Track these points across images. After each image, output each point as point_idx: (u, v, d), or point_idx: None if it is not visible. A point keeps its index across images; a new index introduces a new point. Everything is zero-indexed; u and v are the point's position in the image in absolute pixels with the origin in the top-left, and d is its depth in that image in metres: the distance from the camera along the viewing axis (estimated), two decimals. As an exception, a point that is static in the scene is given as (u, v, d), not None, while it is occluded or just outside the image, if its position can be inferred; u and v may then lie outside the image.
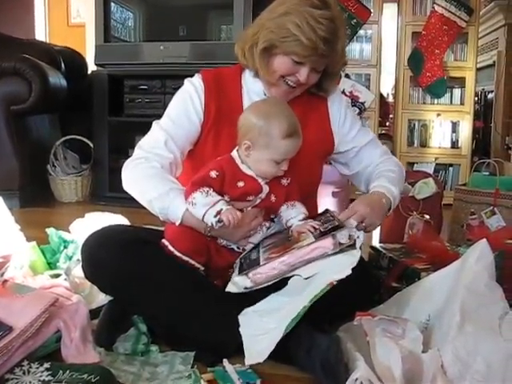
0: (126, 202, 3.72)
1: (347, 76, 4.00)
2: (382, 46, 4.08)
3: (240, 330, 1.35)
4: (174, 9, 3.64)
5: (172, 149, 1.56)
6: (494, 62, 5.79)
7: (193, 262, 1.47)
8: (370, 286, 1.60)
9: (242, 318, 1.40)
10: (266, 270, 1.40)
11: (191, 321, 1.40)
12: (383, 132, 5.19)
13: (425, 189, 2.38)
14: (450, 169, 4.07)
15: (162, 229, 1.59)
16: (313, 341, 1.29)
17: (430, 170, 4.02)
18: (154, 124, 1.61)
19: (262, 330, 1.34)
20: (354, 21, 3.90)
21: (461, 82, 4.03)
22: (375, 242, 2.39)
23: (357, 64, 4.05)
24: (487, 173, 2.70)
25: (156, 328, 1.47)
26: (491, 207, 2.46)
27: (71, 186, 3.78)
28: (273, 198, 1.50)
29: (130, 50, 3.70)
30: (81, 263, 1.53)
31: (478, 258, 1.39)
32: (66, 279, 1.70)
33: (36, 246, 1.89)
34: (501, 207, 2.45)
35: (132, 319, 1.48)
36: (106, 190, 3.74)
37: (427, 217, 2.34)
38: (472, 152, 4.11)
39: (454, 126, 4.06)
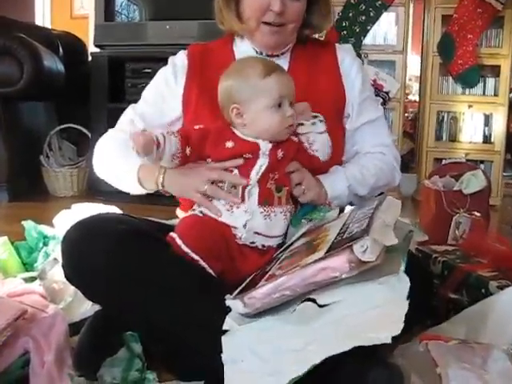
0: (127, 198, 3.48)
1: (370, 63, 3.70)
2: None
3: (222, 354, 1.01)
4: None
5: (138, 127, 1.42)
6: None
7: (204, 264, 1.16)
8: (429, 291, 1.32)
9: (226, 338, 1.03)
10: (261, 296, 1.03)
11: (199, 334, 1.08)
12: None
13: (474, 182, 2.05)
14: (482, 166, 3.71)
15: (168, 222, 1.38)
16: (363, 376, 0.94)
17: (460, 167, 3.71)
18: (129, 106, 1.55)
19: (250, 364, 0.98)
20: (379, 2, 3.60)
21: (495, 70, 3.70)
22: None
23: (381, 50, 3.72)
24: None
25: (154, 347, 1.18)
26: (548, 205, 2.12)
27: (66, 179, 3.52)
28: (280, 154, 1.22)
29: (132, 29, 3.45)
30: (60, 262, 1.25)
31: None
32: (40, 284, 1.38)
33: (8, 242, 1.60)
34: (559, 205, 2.11)
35: (123, 336, 1.17)
36: (104, 183, 3.42)
37: (478, 214, 2.00)
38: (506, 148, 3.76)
39: (487, 119, 3.73)
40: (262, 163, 1.20)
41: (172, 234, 1.19)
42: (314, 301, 0.99)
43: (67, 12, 5.99)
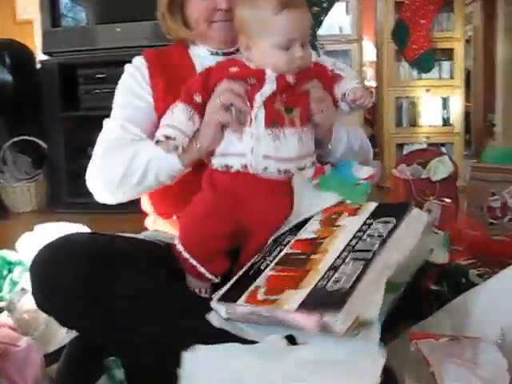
0: (89, 208, 3.39)
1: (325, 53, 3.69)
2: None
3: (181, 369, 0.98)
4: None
5: (130, 130, 1.29)
6: (470, 37, 5.57)
7: (203, 270, 1.14)
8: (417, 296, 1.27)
9: (188, 354, 0.99)
10: (240, 315, 1.01)
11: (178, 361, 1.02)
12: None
13: (441, 168, 2.06)
14: (443, 148, 3.76)
15: (140, 236, 1.34)
16: None
17: (422, 151, 3.75)
18: (104, 124, 1.39)
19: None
20: (331, -9, 3.57)
21: (449, 54, 3.76)
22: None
23: (336, 40, 3.72)
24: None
25: (138, 373, 1.11)
26: (515, 185, 2.14)
27: (24, 194, 3.42)
28: (290, 80, 1.15)
29: (81, 34, 3.38)
30: (29, 291, 1.16)
31: None
32: (9, 316, 1.30)
33: (-31, 271, 1.49)
34: (527, 184, 2.13)
35: (104, 362, 1.10)
36: (66, 195, 3.38)
37: (448, 200, 2.00)
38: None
39: (445, 102, 3.79)
40: (267, 88, 1.14)
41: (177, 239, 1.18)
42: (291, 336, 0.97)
43: (10, 17, 5.68)
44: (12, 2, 5.81)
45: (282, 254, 1.06)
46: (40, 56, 3.54)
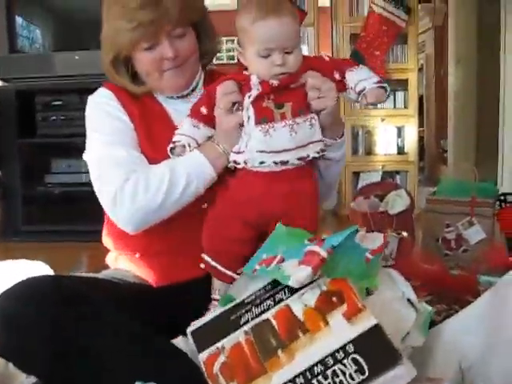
0: (44, 237, 3.33)
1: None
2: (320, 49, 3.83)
3: None
4: (87, 15, 3.24)
5: (132, 153, 1.31)
6: (422, 65, 5.75)
7: (230, 273, 1.23)
8: None
9: None
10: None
11: None
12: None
13: (398, 201, 2.10)
14: (398, 176, 3.86)
15: (100, 275, 1.33)
16: None
17: (378, 179, 3.81)
18: (88, 155, 1.35)
19: None
20: (289, 23, 3.62)
21: (403, 84, 3.86)
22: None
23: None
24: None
25: None
26: (468, 217, 2.21)
27: (-22, 221, 3.28)
28: (274, 83, 1.18)
29: (40, 61, 3.30)
30: None
31: (522, 293, 1.09)
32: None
33: None
34: (478, 217, 2.20)
35: None
36: (20, 223, 3.29)
37: (405, 234, 2.05)
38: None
39: (399, 131, 3.88)
40: (254, 91, 1.17)
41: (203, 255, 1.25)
42: None
43: None
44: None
45: (264, 317, 1.02)
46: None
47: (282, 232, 1.16)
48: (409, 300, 1.10)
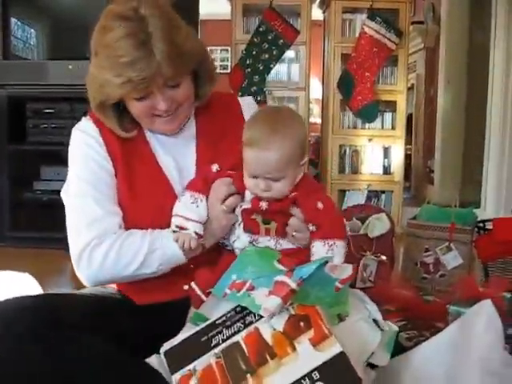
0: (30, 242, 3.35)
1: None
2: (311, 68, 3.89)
3: None
4: (82, 25, 3.27)
5: (110, 209, 1.28)
6: (413, 84, 5.82)
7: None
8: None
9: None
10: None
11: None
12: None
13: (378, 226, 2.14)
14: (383, 196, 3.92)
15: (84, 291, 1.30)
16: None
17: (363, 198, 3.87)
18: (66, 197, 1.31)
19: None
20: (281, 41, 3.71)
21: (391, 105, 3.92)
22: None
23: (284, 87, 3.83)
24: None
25: None
26: (447, 243, 2.26)
27: (-36, 225, 3.29)
28: (263, 206, 1.20)
29: (33, 68, 3.33)
30: None
31: (486, 325, 1.13)
32: None
33: None
34: (457, 242, 2.25)
35: None
36: (6, 228, 3.30)
37: (383, 257, 2.09)
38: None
39: (386, 152, 3.93)
40: (244, 204, 1.22)
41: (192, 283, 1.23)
42: None
43: None
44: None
45: (234, 340, 1.05)
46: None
47: (251, 252, 1.20)
48: (374, 320, 1.14)
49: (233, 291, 1.08)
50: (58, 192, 1.34)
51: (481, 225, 2.36)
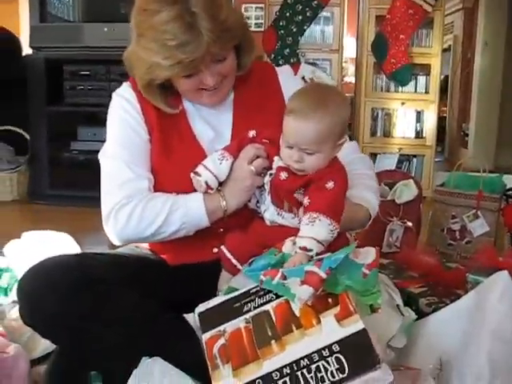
0: (68, 201, 3.47)
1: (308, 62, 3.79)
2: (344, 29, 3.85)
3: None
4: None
5: (140, 173, 1.33)
6: (450, 46, 5.70)
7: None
8: None
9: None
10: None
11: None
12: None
13: (406, 192, 2.17)
14: (414, 160, 3.91)
15: (119, 251, 1.39)
16: None
17: (394, 161, 3.87)
18: (102, 158, 1.37)
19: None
20: (315, 2, 3.66)
21: (425, 68, 3.85)
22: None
23: (317, 49, 3.82)
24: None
25: None
26: (474, 210, 2.28)
27: (5, 183, 3.45)
28: (282, 176, 1.22)
29: (69, 31, 3.39)
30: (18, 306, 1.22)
31: (501, 295, 1.18)
32: (-1, 324, 1.40)
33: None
34: (484, 210, 2.28)
35: (86, 376, 1.20)
36: (47, 187, 3.45)
37: (410, 224, 2.13)
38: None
39: (419, 116, 3.89)
40: (270, 173, 1.25)
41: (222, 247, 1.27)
42: None
43: None
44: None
45: (264, 308, 1.11)
46: (26, 40, 3.54)
47: None
48: (397, 305, 1.19)
49: (267, 278, 1.12)
50: (95, 152, 1.41)
51: (509, 193, 2.37)
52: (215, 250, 1.34)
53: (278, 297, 1.11)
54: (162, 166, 1.35)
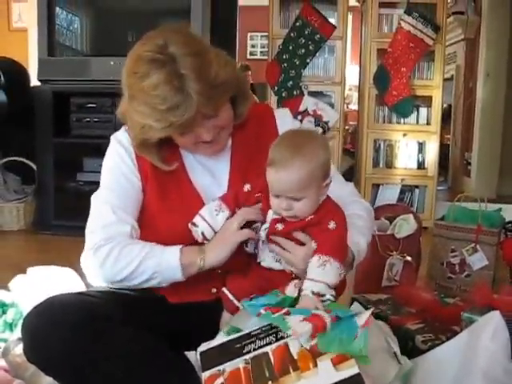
0: (73, 231, 3.49)
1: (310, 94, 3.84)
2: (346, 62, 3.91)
3: None
4: (125, 19, 3.39)
5: (124, 218, 1.35)
6: (452, 75, 5.77)
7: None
8: None
9: None
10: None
11: None
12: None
13: (405, 227, 2.19)
14: (416, 190, 3.93)
15: (125, 291, 1.38)
16: None
17: (396, 192, 3.90)
18: (93, 200, 1.40)
19: None
20: (318, 36, 3.73)
21: (427, 100, 3.90)
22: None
23: (319, 81, 3.88)
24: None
25: None
26: (473, 244, 2.30)
27: (13, 213, 3.49)
28: (278, 227, 1.26)
29: (76, 64, 3.45)
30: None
31: (493, 334, 1.20)
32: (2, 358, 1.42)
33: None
34: (483, 244, 2.29)
35: None
36: (52, 217, 3.48)
37: (409, 258, 2.15)
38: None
39: (421, 147, 3.93)
40: (265, 226, 1.28)
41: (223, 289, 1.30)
42: None
43: (4, 25, 5.92)
44: (7, 11, 5.92)
45: (264, 350, 1.13)
46: (34, 71, 3.59)
47: None
48: (394, 353, 1.21)
49: (267, 312, 1.14)
50: (99, 183, 1.45)
51: (508, 226, 2.39)
52: (214, 290, 1.37)
53: (277, 340, 1.13)
54: (158, 212, 1.37)
